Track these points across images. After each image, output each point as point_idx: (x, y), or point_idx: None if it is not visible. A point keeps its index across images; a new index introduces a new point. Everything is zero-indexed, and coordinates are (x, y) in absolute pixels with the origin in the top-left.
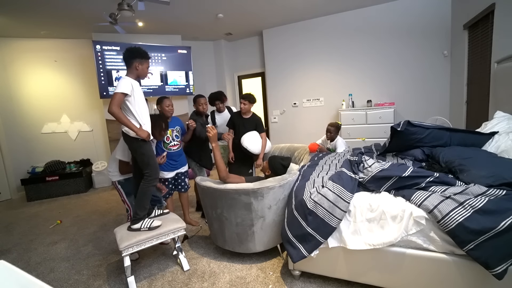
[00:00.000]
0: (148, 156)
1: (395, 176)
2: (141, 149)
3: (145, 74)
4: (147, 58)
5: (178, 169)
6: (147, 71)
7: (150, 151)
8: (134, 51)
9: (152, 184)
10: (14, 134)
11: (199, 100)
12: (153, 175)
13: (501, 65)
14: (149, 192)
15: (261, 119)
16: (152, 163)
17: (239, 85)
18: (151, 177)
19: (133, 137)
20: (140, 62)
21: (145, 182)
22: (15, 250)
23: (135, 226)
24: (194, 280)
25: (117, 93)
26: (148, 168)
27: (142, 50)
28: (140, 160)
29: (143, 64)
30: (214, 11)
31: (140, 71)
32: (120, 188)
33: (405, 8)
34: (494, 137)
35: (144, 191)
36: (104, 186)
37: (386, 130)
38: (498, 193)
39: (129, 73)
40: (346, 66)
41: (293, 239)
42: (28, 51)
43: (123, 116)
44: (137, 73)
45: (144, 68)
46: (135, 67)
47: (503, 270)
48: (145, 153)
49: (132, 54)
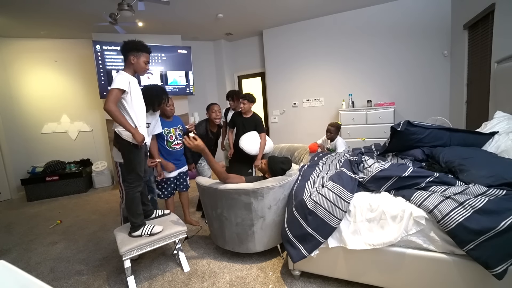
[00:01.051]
0: (135, 163)
1: (395, 176)
2: (130, 154)
3: (142, 69)
4: (143, 51)
5: (180, 168)
6: (145, 65)
7: (139, 158)
8: (128, 43)
9: (136, 190)
10: (14, 134)
11: (212, 107)
12: (135, 182)
13: (501, 65)
14: (136, 198)
15: (262, 119)
16: (136, 171)
17: (239, 85)
18: (133, 184)
19: (124, 139)
20: (135, 55)
21: (128, 189)
22: (15, 250)
23: (135, 233)
24: (194, 280)
25: (114, 89)
26: (132, 174)
27: (138, 42)
28: (127, 164)
29: (139, 57)
30: (214, 11)
31: (136, 65)
32: (119, 170)
33: (405, 8)
34: (494, 137)
35: (131, 199)
36: (104, 186)
37: (386, 130)
38: (498, 193)
39: (126, 68)
40: (346, 66)
41: (293, 239)
42: (28, 51)
43: (120, 114)
44: (133, 67)
45: (140, 62)
46: (130, 61)
47: (503, 270)
48: (132, 159)
49: (127, 46)
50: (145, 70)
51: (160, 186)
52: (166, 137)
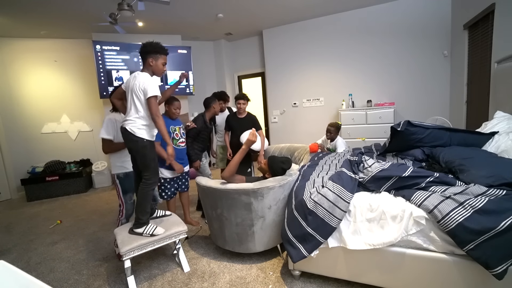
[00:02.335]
0: (150, 159)
1: (395, 176)
2: (145, 150)
3: (160, 71)
4: (162, 53)
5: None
6: (163, 67)
7: (153, 153)
8: (147, 45)
9: (151, 187)
10: (14, 134)
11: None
12: (152, 178)
13: (501, 65)
14: (149, 196)
15: (256, 117)
16: (153, 166)
17: (239, 85)
18: (150, 181)
19: (138, 137)
20: (154, 58)
21: (145, 186)
22: (15, 250)
23: (138, 230)
24: (194, 280)
25: (154, 97)
26: (148, 170)
27: (156, 44)
28: (142, 162)
29: (157, 60)
30: (214, 11)
31: (154, 67)
32: (118, 184)
33: (405, 8)
34: (494, 137)
35: (144, 195)
36: (104, 186)
37: (386, 130)
38: (498, 193)
39: (145, 69)
40: (346, 66)
41: (293, 239)
42: (28, 51)
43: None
44: (151, 69)
45: (159, 64)
46: (149, 63)
47: (503, 270)
48: (147, 155)
49: (146, 49)
50: (163, 72)
51: (162, 187)
52: (172, 135)
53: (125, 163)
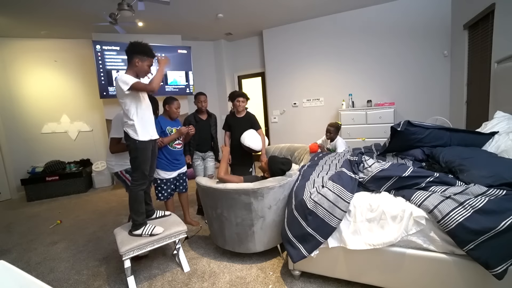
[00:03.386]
0: (140, 161)
1: (395, 176)
2: (136, 152)
3: (144, 73)
4: (149, 56)
5: (180, 169)
6: (148, 69)
7: (144, 156)
8: (136, 45)
9: (139, 188)
10: (14, 134)
11: (199, 98)
12: (139, 180)
13: (501, 65)
14: (139, 196)
15: (255, 116)
16: (141, 169)
17: (239, 85)
18: (138, 182)
19: (131, 137)
20: (140, 59)
21: (132, 187)
22: (15, 250)
23: (136, 232)
24: (194, 280)
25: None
26: (137, 172)
27: (145, 46)
28: (132, 162)
29: (143, 61)
30: (214, 11)
31: (139, 68)
32: (128, 177)
33: (405, 8)
34: (494, 137)
35: (134, 197)
36: (104, 186)
37: (386, 130)
38: (498, 193)
39: (128, 69)
40: (346, 66)
41: (293, 239)
42: (28, 51)
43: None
44: (136, 69)
45: (144, 66)
46: (134, 63)
47: (503, 270)
48: (138, 156)
49: (134, 48)
50: (147, 73)
51: (159, 187)
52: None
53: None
